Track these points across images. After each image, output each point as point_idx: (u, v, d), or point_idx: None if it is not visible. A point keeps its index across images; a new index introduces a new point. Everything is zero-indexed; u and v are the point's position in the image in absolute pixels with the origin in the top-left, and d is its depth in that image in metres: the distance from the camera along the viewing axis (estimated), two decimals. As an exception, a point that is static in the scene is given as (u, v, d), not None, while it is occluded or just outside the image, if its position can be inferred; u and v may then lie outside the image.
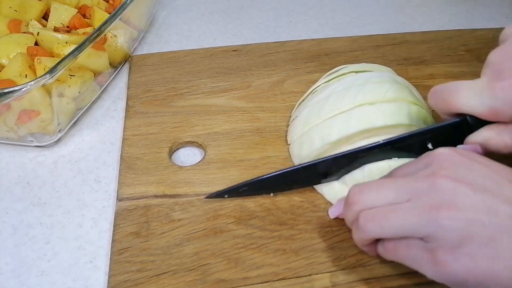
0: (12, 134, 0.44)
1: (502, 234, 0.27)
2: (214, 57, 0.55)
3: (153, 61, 0.55)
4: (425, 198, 0.29)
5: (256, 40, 0.59)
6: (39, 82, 0.38)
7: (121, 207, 0.40)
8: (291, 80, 0.52)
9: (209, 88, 0.51)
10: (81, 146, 0.47)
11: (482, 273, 0.28)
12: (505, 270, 0.27)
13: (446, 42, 0.58)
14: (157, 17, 0.65)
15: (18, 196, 0.42)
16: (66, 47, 0.45)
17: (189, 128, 0.47)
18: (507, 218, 0.28)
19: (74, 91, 0.45)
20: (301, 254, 0.37)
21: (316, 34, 0.62)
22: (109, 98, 0.52)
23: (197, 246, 0.37)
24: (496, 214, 0.28)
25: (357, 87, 0.41)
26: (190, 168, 0.43)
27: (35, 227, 0.40)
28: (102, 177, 0.44)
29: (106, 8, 0.54)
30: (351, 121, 0.39)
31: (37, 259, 0.38)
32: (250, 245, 0.37)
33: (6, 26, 0.48)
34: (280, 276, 0.35)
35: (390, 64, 0.46)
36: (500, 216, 0.28)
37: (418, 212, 0.29)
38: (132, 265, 0.36)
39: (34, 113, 0.42)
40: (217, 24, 0.64)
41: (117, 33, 0.51)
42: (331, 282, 0.35)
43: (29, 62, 0.44)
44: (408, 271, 0.35)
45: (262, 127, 0.47)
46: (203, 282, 0.35)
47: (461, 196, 0.29)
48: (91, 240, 0.39)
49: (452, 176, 0.29)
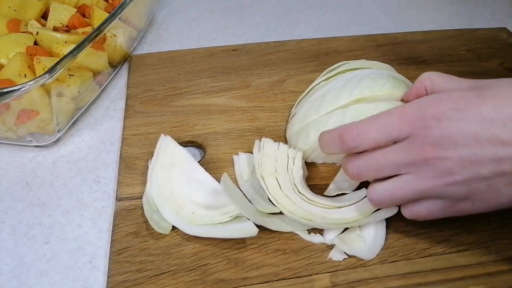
0: (11, 134, 0.44)
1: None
2: (214, 56, 0.55)
3: (152, 60, 0.55)
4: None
5: (256, 40, 0.59)
6: (38, 81, 0.38)
7: (120, 207, 0.40)
8: (291, 80, 0.52)
9: (209, 87, 0.51)
10: (81, 146, 0.47)
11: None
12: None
13: (447, 42, 0.58)
14: (157, 16, 0.65)
15: (17, 196, 0.42)
16: (65, 46, 0.45)
17: (188, 128, 0.47)
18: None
19: (73, 91, 0.45)
20: (301, 254, 0.37)
21: (316, 34, 0.61)
22: (108, 98, 0.52)
23: (196, 246, 0.37)
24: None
25: (354, 83, 0.41)
26: (190, 168, 0.43)
27: (34, 227, 0.40)
28: (102, 177, 0.44)
29: (105, 8, 0.53)
30: (346, 115, 0.39)
31: (36, 259, 0.38)
32: (250, 245, 0.37)
33: (5, 26, 0.48)
34: (280, 276, 0.35)
35: (390, 63, 0.46)
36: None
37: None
38: (131, 265, 0.36)
39: (33, 113, 0.42)
40: (217, 24, 0.64)
41: (116, 33, 0.51)
42: (331, 282, 0.35)
43: (28, 62, 0.44)
44: (408, 271, 0.35)
45: (262, 126, 0.47)
46: (202, 282, 0.35)
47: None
48: (91, 240, 0.39)
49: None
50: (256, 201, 0.38)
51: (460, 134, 0.29)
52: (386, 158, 0.33)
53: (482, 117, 0.29)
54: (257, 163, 0.39)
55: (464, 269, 0.36)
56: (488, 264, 0.36)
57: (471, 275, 0.35)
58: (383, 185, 0.33)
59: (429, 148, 0.30)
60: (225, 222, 0.37)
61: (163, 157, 0.41)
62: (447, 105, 0.30)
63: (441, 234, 0.37)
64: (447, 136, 0.30)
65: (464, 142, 0.29)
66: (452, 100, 0.31)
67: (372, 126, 0.33)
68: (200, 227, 0.37)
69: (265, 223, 0.37)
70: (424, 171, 0.31)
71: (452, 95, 0.31)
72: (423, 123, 0.31)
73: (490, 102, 0.29)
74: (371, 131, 0.33)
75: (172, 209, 0.38)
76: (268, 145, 0.41)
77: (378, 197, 0.34)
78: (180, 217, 0.37)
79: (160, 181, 0.39)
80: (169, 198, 0.38)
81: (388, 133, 0.32)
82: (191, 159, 0.41)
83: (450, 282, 0.35)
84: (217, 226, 0.37)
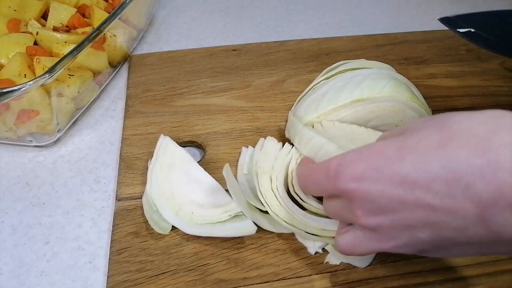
0: (11, 134, 0.44)
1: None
2: (213, 56, 0.55)
3: (152, 60, 0.55)
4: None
5: (256, 40, 0.59)
6: (38, 81, 0.38)
7: (120, 207, 0.40)
8: (291, 80, 0.52)
9: (208, 87, 0.51)
10: (80, 146, 0.47)
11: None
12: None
13: (447, 42, 0.58)
14: (157, 16, 0.65)
15: (17, 196, 0.42)
16: (65, 46, 0.45)
17: (188, 128, 0.47)
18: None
19: (73, 91, 0.45)
20: (301, 254, 0.37)
21: (316, 34, 0.61)
22: (108, 98, 0.52)
23: (196, 246, 0.37)
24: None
25: (354, 83, 0.41)
26: (190, 168, 0.43)
27: (34, 228, 0.40)
28: (101, 177, 0.44)
29: (105, 8, 0.53)
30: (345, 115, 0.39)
31: (36, 260, 0.38)
32: (250, 245, 0.37)
33: (5, 26, 0.48)
34: (280, 276, 0.35)
35: (390, 63, 0.46)
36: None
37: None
38: (131, 265, 0.36)
39: (33, 113, 0.42)
40: (217, 24, 0.64)
41: (116, 33, 0.51)
42: (331, 282, 0.35)
43: (28, 62, 0.44)
44: (408, 271, 0.35)
45: (262, 126, 0.47)
46: (202, 282, 0.35)
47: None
48: (91, 240, 0.39)
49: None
50: (248, 195, 0.39)
51: (384, 198, 0.26)
52: (334, 209, 0.31)
53: (401, 179, 0.25)
54: (255, 160, 0.39)
55: (464, 269, 0.36)
56: (488, 264, 0.36)
57: (471, 275, 0.35)
58: (343, 236, 0.31)
59: (359, 213, 0.28)
60: (224, 221, 0.37)
61: (163, 157, 0.41)
62: (366, 164, 0.27)
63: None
64: (370, 200, 0.27)
65: (391, 207, 0.26)
66: (371, 157, 0.27)
67: (310, 180, 0.32)
68: (199, 227, 0.37)
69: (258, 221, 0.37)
70: (368, 233, 0.29)
71: (372, 149, 0.28)
72: (344, 186, 0.28)
73: (410, 158, 0.25)
74: (311, 186, 0.32)
75: (171, 209, 0.38)
76: (270, 143, 0.41)
77: (342, 249, 0.31)
78: (180, 217, 0.37)
79: (160, 181, 0.39)
80: (169, 198, 0.38)
81: (322, 189, 0.31)
82: (191, 159, 0.41)
83: (450, 282, 0.35)
84: (216, 225, 0.37)
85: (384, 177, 0.26)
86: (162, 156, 0.41)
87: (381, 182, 0.26)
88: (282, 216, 0.36)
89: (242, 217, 0.37)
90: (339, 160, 0.29)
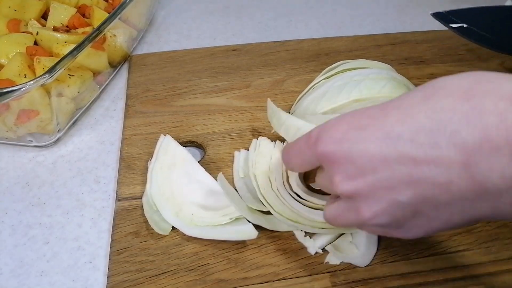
0: (11, 134, 0.44)
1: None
2: (213, 56, 0.55)
3: (152, 60, 0.55)
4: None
5: (256, 40, 0.59)
6: (38, 81, 0.38)
7: (120, 207, 0.40)
8: (291, 80, 0.52)
9: (208, 87, 0.51)
10: (80, 146, 0.47)
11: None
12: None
13: (447, 42, 0.58)
14: (157, 16, 0.65)
15: (17, 196, 0.42)
16: (65, 46, 0.45)
17: (188, 128, 0.47)
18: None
19: (73, 91, 0.45)
20: (301, 254, 0.37)
21: (316, 34, 0.61)
22: (108, 98, 0.52)
23: (196, 246, 0.37)
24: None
25: (354, 83, 0.41)
26: (190, 168, 0.43)
27: (34, 228, 0.40)
28: (102, 177, 0.44)
29: (105, 8, 0.53)
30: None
31: (36, 260, 0.38)
32: (250, 245, 0.37)
33: (5, 26, 0.48)
34: (280, 276, 0.35)
35: (390, 63, 0.46)
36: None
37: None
38: (131, 265, 0.36)
39: (33, 113, 0.42)
40: (216, 24, 0.64)
41: (116, 33, 0.51)
42: (331, 282, 0.35)
43: (28, 62, 0.44)
44: (408, 271, 0.35)
45: (262, 126, 0.47)
46: (202, 282, 0.35)
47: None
48: (91, 240, 0.39)
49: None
50: (247, 199, 0.38)
51: (365, 158, 0.25)
52: (321, 181, 0.31)
53: (385, 134, 0.25)
54: (251, 162, 0.39)
55: (464, 269, 0.36)
56: (488, 264, 0.36)
57: (471, 275, 0.35)
58: (329, 207, 0.30)
59: (337, 178, 0.27)
60: (225, 224, 0.37)
61: (163, 157, 0.41)
62: (348, 125, 0.26)
63: (441, 234, 0.37)
64: (350, 162, 0.26)
65: (371, 167, 0.25)
66: (354, 118, 0.27)
67: (292, 152, 0.31)
68: (199, 229, 0.37)
69: (261, 223, 0.37)
70: (348, 202, 0.28)
71: (356, 111, 0.27)
72: (322, 149, 0.27)
73: (394, 113, 0.25)
74: (293, 158, 0.31)
75: (172, 210, 0.38)
76: (264, 144, 0.41)
77: (327, 220, 0.31)
78: (180, 218, 0.37)
79: (160, 181, 0.39)
80: (169, 199, 0.38)
81: (304, 160, 0.30)
82: (192, 159, 0.41)
83: (450, 282, 0.35)
84: (216, 227, 0.37)
85: (366, 135, 0.25)
86: (162, 156, 0.41)
87: (363, 141, 0.25)
88: (286, 215, 0.36)
89: (243, 220, 0.37)
90: (320, 127, 0.28)
